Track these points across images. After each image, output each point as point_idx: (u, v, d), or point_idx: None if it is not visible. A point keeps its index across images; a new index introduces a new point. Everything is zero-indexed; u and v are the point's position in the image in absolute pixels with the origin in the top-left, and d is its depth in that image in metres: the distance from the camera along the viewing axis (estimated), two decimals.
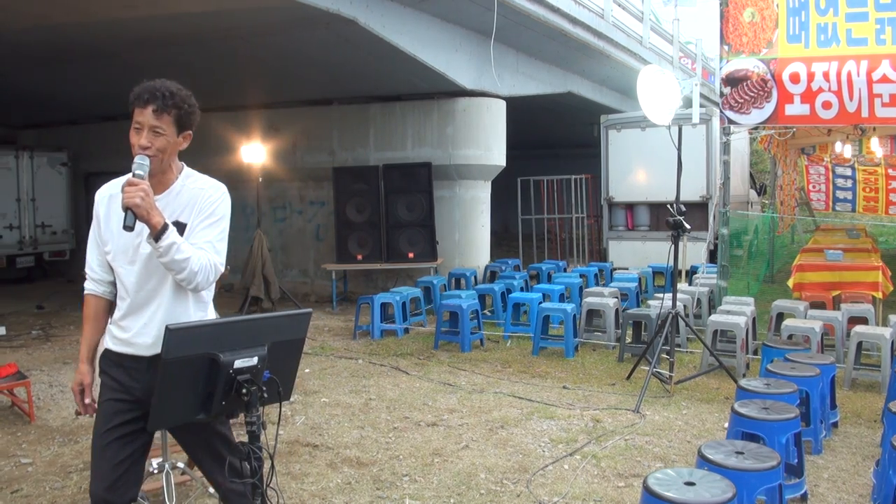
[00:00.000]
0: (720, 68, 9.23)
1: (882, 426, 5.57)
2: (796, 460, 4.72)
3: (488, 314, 11.01)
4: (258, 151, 13.11)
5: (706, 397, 7.20)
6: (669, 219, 7.37)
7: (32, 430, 6.72)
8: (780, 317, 8.60)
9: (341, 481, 5.29)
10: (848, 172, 17.28)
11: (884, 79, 8.18)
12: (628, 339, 8.95)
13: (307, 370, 8.49)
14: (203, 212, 3.17)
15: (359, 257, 12.92)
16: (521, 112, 14.53)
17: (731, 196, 9.95)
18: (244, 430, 2.83)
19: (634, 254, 15.00)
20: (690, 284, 10.74)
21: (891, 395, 6.20)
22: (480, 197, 13.41)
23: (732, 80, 8.97)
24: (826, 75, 8.44)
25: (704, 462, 3.74)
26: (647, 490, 3.30)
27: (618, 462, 5.53)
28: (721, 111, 9.20)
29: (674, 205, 7.41)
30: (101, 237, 3.22)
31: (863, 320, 8.35)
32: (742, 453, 3.80)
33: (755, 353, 8.24)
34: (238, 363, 2.73)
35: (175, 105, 3.06)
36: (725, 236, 9.65)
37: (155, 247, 2.95)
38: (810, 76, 8.52)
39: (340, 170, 13.35)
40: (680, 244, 7.57)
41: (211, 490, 4.63)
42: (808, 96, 8.58)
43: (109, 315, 3.29)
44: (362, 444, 6.06)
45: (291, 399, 3.84)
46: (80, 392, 3.24)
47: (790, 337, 7.44)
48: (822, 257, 10.09)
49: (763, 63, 8.78)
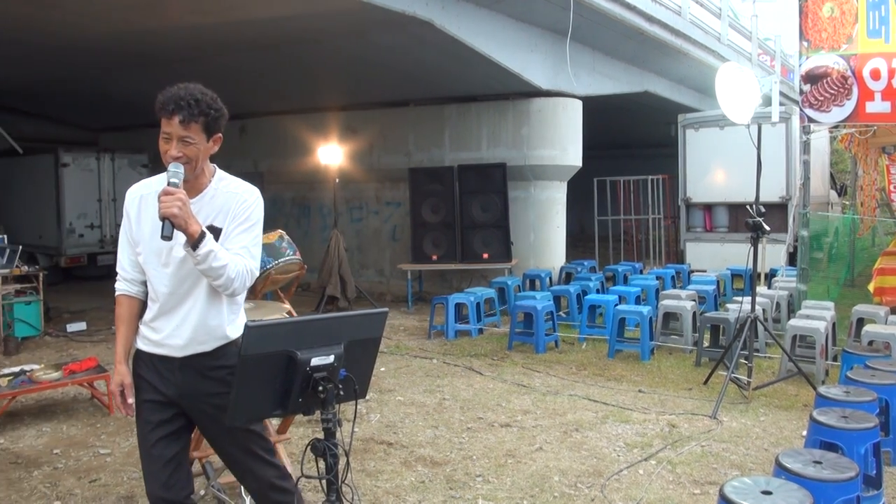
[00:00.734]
0: (799, 65, 9.03)
1: None
2: (875, 471, 4.59)
3: (563, 316, 10.95)
4: (335, 153, 13.29)
5: (784, 404, 7.04)
6: (748, 220, 7.22)
7: (111, 422, 6.93)
8: (861, 322, 8.36)
9: (415, 480, 5.34)
10: None
11: None
12: (706, 343, 8.79)
13: (382, 369, 8.57)
14: (238, 217, 3.17)
15: (434, 257, 12.99)
16: (598, 111, 14.41)
17: (811, 197, 9.71)
18: (320, 427, 2.88)
19: (712, 256, 14.75)
20: (769, 288, 10.52)
21: None
22: (556, 197, 13.35)
23: (812, 78, 8.77)
24: None
25: (782, 471, 3.67)
26: (724, 498, 3.26)
27: (693, 469, 5.45)
28: (800, 109, 8.99)
29: (753, 206, 7.27)
30: (133, 238, 3.22)
31: None
32: (820, 463, 3.71)
33: (835, 360, 8.01)
34: (315, 361, 2.76)
35: (202, 112, 3.06)
36: (805, 238, 9.42)
37: (192, 255, 2.95)
38: (891, 72, 8.27)
39: (416, 170, 13.44)
40: (759, 246, 7.42)
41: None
42: (890, 93, 8.33)
43: (141, 315, 3.31)
44: (436, 444, 6.10)
45: (367, 397, 3.89)
46: (121, 393, 3.23)
47: (870, 343, 7.24)
48: None
49: (843, 59, 8.55)
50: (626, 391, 7.58)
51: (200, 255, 2.94)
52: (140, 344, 3.26)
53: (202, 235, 2.94)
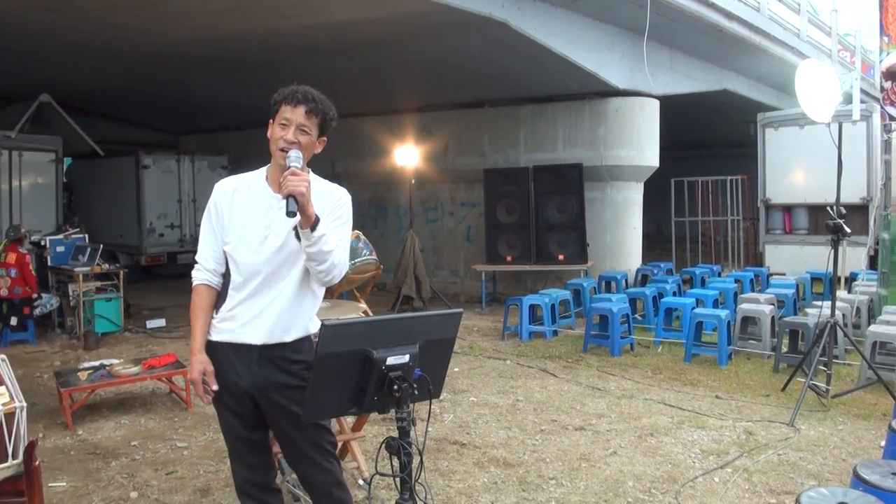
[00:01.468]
0: (880, 61, 8.76)
1: None
2: None
3: (639, 318, 10.83)
4: (411, 154, 13.38)
5: (863, 413, 6.83)
6: (829, 222, 7.02)
7: (189, 417, 7.09)
8: None
9: (488, 480, 5.34)
10: None
11: None
12: (784, 349, 8.59)
13: (456, 369, 8.59)
14: (334, 212, 3.28)
15: (508, 258, 12.97)
16: (675, 111, 14.22)
17: (893, 198, 9.41)
18: (395, 426, 2.90)
19: (792, 258, 14.41)
20: (849, 292, 10.24)
21: None
22: (633, 198, 13.21)
23: (893, 74, 8.51)
24: None
25: (859, 482, 3.57)
26: None
27: (770, 477, 5.33)
28: (881, 107, 8.73)
29: (833, 207, 7.08)
30: (223, 228, 3.31)
31: None
32: None
33: None
34: (390, 360, 2.79)
35: (322, 111, 3.21)
36: (886, 241, 9.14)
37: (308, 236, 3.04)
38: None
39: (491, 171, 13.44)
40: (839, 249, 7.22)
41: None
42: None
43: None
44: (509, 445, 6.09)
45: (441, 397, 3.91)
46: (203, 381, 3.26)
47: None
48: None
49: None
50: (703, 396, 7.47)
51: (315, 237, 3.04)
52: (213, 335, 3.32)
53: (317, 218, 3.05)
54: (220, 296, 3.35)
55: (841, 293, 9.72)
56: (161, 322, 11.73)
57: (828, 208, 7.31)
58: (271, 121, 3.20)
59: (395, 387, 2.80)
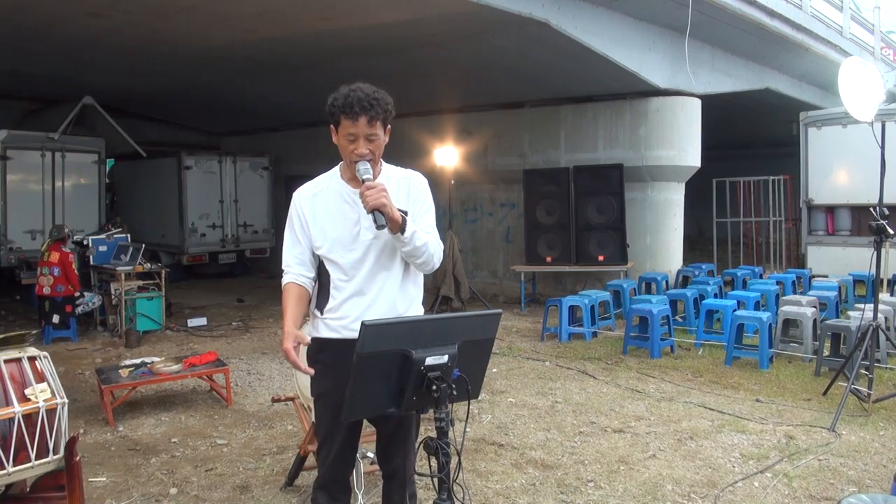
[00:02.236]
0: None
1: None
2: None
3: (680, 320, 10.71)
4: (451, 154, 13.39)
5: None
6: (872, 223, 6.88)
7: (229, 414, 7.14)
8: None
9: (525, 482, 5.31)
10: None
11: None
12: (826, 352, 8.44)
13: (494, 370, 8.56)
14: (418, 199, 3.38)
15: (548, 259, 12.92)
16: (716, 110, 14.07)
17: None
18: (433, 426, 2.89)
19: (835, 260, 14.20)
20: (892, 294, 10.04)
21: None
22: (674, 199, 13.09)
23: None
24: None
25: None
26: None
27: (810, 483, 5.24)
28: None
29: (876, 208, 6.93)
30: (309, 235, 3.34)
31: None
32: None
33: None
34: (429, 360, 2.79)
35: (383, 110, 3.23)
36: None
37: (400, 238, 3.16)
38: None
39: (531, 172, 13.40)
40: (882, 251, 7.07)
41: None
42: None
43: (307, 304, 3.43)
44: (547, 447, 6.06)
45: (479, 398, 3.90)
46: (295, 350, 3.19)
47: None
48: None
49: None
50: (744, 400, 7.36)
51: (407, 237, 3.16)
52: (324, 332, 3.35)
53: (404, 219, 3.15)
54: (321, 296, 3.39)
55: (883, 296, 9.56)
56: (202, 321, 11.85)
57: (871, 209, 7.17)
58: (332, 127, 3.25)
59: (434, 387, 2.80)
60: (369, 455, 4.69)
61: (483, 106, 14.48)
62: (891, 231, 6.81)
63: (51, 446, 3.82)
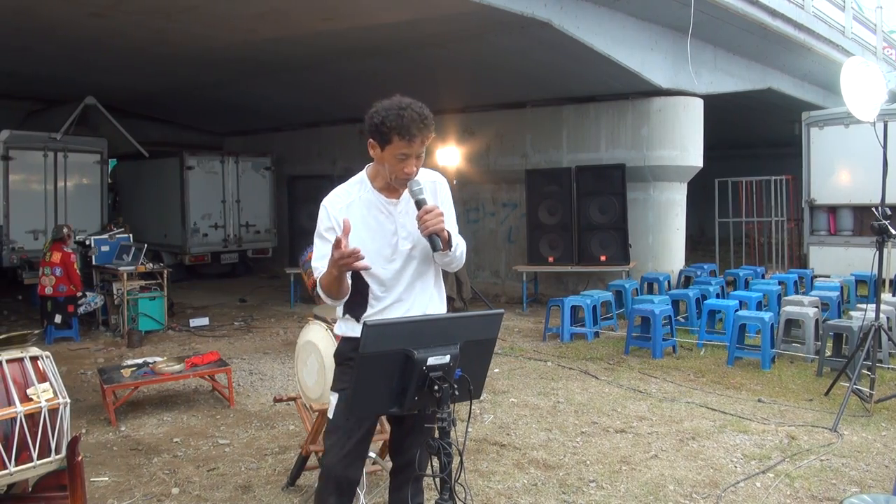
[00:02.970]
0: None
1: None
2: None
3: (682, 320, 10.71)
4: (453, 154, 13.38)
5: None
6: (874, 223, 6.87)
7: (231, 414, 7.15)
8: None
9: (527, 482, 5.31)
10: None
11: None
12: (828, 352, 8.43)
13: (496, 370, 8.56)
14: (445, 202, 3.40)
15: (550, 259, 12.91)
16: (718, 110, 14.07)
17: None
18: (435, 426, 2.89)
19: (837, 260, 14.18)
20: (895, 295, 10.03)
21: None
22: (676, 199, 13.08)
23: None
24: None
25: None
26: None
27: (812, 483, 5.23)
28: None
29: (878, 208, 6.93)
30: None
31: None
32: None
33: None
34: (431, 360, 2.79)
35: (432, 129, 3.16)
36: None
37: (449, 253, 3.24)
38: None
39: (533, 172, 13.39)
40: (885, 251, 7.06)
41: None
42: None
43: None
44: (549, 447, 6.05)
45: (481, 398, 3.89)
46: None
47: None
48: None
49: None
50: (745, 400, 7.36)
51: (452, 252, 3.26)
52: (358, 332, 3.24)
53: (450, 235, 3.21)
54: (357, 303, 3.35)
55: (886, 296, 9.52)
56: (204, 321, 11.85)
57: (873, 209, 7.17)
58: (374, 141, 3.14)
59: (436, 387, 2.80)
60: (371, 455, 4.71)
61: (485, 106, 14.48)
62: (893, 231, 6.81)
63: (53, 446, 3.82)
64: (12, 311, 13.34)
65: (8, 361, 3.80)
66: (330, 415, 3.36)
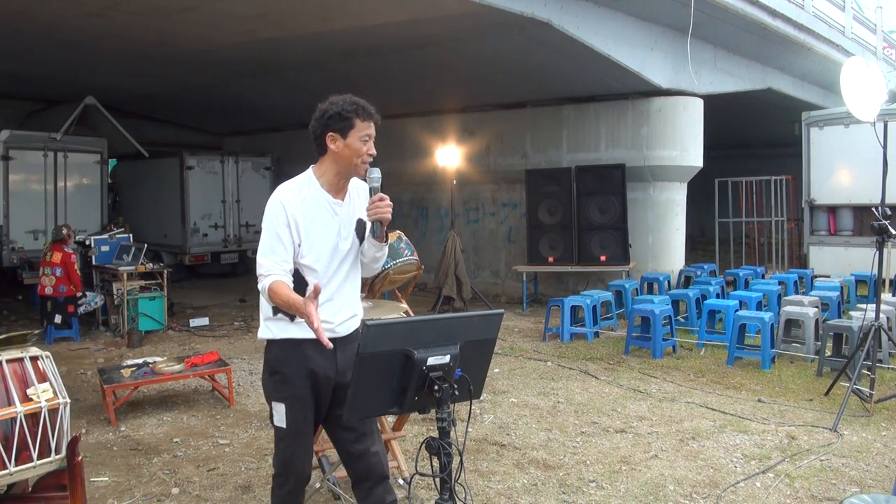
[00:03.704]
0: None
1: None
2: None
3: (682, 320, 10.71)
4: (453, 154, 13.38)
5: None
6: (874, 223, 6.88)
7: (231, 414, 7.15)
8: None
9: (527, 482, 5.31)
10: None
11: None
12: (828, 352, 8.42)
13: (496, 370, 8.56)
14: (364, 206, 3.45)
15: (550, 259, 12.91)
16: (718, 110, 14.07)
17: None
18: (435, 426, 2.89)
19: (837, 260, 14.19)
20: (894, 295, 10.02)
21: None
22: (675, 199, 13.08)
23: None
24: None
25: None
26: None
27: (812, 483, 5.24)
28: None
29: (878, 208, 6.93)
30: (300, 237, 3.27)
31: None
32: None
33: None
34: (431, 360, 2.79)
35: (378, 119, 3.35)
36: None
37: (381, 246, 3.37)
38: None
39: (533, 172, 13.39)
40: (885, 251, 7.05)
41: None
42: None
43: None
44: (549, 447, 6.05)
45: (481, 398, 3.89)
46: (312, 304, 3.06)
47: None
48: None
49: None
50: (745, 400, 7.36)
51: (384, 248, 3.42)
52: (297, 334, 3.28)
53: (387, 234, 3.42)
54: None
55: (886, 296, 9.52)
56: (204, 321, 11.85)
57: (873, 209, 7.17)
58: (335, 134, 3.25)
59: (436, 387, 2.80)
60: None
61: (485, 106, 14.48)
62: (893, 231, 6.81)
63: (53, 446, 3.82)
64: (12, 311, 13.33)
65: (8, 361, 3.80)
66: (281, 424, 3.37)
